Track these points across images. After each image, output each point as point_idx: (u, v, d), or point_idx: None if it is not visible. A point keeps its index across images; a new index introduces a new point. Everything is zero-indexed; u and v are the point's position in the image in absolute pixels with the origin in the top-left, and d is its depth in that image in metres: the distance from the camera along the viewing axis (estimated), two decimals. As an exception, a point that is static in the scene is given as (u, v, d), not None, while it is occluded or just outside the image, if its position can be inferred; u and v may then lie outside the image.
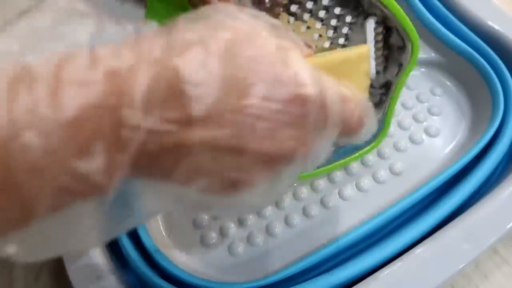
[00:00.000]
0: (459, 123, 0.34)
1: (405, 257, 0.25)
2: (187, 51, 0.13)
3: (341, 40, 0.24)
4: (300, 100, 0.14)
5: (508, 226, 0.26)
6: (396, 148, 0.32)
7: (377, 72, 0.25)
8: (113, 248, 0.27)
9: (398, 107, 0.35)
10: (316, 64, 0.16)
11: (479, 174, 0.28)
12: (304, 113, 0.14)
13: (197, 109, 0.13)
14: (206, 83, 0.13)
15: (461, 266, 0.24)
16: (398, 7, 0.23)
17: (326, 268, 0.27)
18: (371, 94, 0.26)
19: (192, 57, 0.13)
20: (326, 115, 0.15)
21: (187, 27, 0.14)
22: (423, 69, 0.37)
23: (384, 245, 0.26)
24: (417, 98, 0.35)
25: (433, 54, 0.37)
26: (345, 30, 0.24)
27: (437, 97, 0.36)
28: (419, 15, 0.37)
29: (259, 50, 0.14)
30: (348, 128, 0.17)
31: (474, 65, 0.34)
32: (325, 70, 0.16)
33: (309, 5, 0.23)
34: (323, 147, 0.16)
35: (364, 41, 0.24)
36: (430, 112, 0.35)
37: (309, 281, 0.25)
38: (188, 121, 0.13)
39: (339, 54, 0.19)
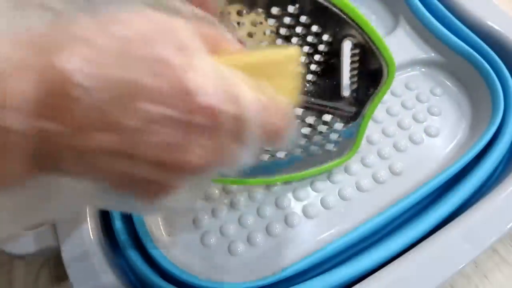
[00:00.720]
0: (459, 123, 0.34)
1: (405, 257, 0.25)
2: (75, 48, 0.12)
3: (317, 57, 0.24)
4: (201, 110, 0.13)
5: (508, 226, 0.26)
6: (396, 148, 0.32)
7: (352, 91, 0.26)
8: (113, 248, 0.27)
9: (398, 107, 0.35)
10: (238, 63, 0.15)
11: (479, 174, 0.29)
12: (211, 123, 0.13)
13: (81, 112, 0.12)
14: (91, 84, 0.12)
15: (461, 266, 0.24)
16: (375, 30, 0.23)
17: (326, 268, 0.27)
18: (342, 110, 0.26)
19: (79, 56, 0.12)
20: (241, 124, 0.14)
21: (82, 20, 0.13)
22: (423, 69, 0.37)
23: (384, 245, 0.26)
24: (417, 98, 0.35)
25: (433, 54, 0.37)
26: (321, 47, 0.24)
27: (437, 97, 0.36)
28: (419, 15, 0.37)
29: (155, 50, 0.13)
30: (267, 135, 0.16)
31: (474, 65, 0.35)
32: (247, 70, 0.15)
33: (287, 20, 0.23)
34: (240, 154, 0.15)
35: (340, 60, 0.24)
36: (430, 112, 0.35)
37: (309, 281, 0.25)
38: (73, 124, 0.12)
39: (266, 54, 0.17)
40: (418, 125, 0.34)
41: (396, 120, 0.34)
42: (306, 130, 0.27)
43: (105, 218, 0.28)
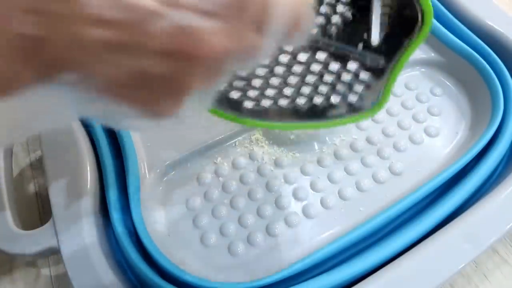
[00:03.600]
0: (459, 123, 0.34)
1: (405, 257, 0.25)
2: None
3: None
4: None
5: (508, 226, 0.26)
6: (396, 148, 0.32)
7: (382, 39, 0.24)
8: (113, 248, 0.27)
9: (398, 107, 0.35)
10: None
11: (479, 174, 0.29)
12: (236, 2, 0.12)
13: (86, 4, 0.11)
14: None
15: (461, 266, 0.24)
16: None
17: (326, 268, 0.27)
18: (370, 59, 0.25)
19: None
20: (265, 9, 0.13)
21: None
22: (423, 69, 0.37)
23: (384, 245, 0.26)
24: (417, 98, 0.35)
25: (433, 54, 0.37)
26: None
27: (437, 97, 0.36)
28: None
29: None
30: (288, 26, 0.15)
31: (474, 65, 0.35)
32: None
33: None
34: (259, 45, 0.14)
35: (371, 3, 0.22)
36: (430, 112, 0.35)
37: (309, 281, 0.25)
38: (79, 16, 0.11)
39: None
40: (418, 125, 0.34)
41: (396, 120, 0.34)
42: (329, 78, 0.25)
43: (105, 218, 0.28)
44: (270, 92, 0.27)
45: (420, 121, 0.34)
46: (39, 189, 0.34)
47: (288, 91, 0.27)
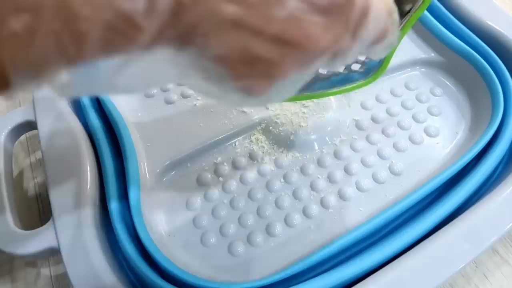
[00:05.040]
0: (459, 123, 0.34)
1: (405, 257, 0.25)
2: None
3: None
4: None
5: (508, 226, 0.26)
6: (396, 148, 0.32)
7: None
8: (113, 248, 0.27)
9: (398, 107, 0.35)
10: None
11: (479, 174, 0.29)
12: (345, 5, 0.14)
13: None
14: None
15: (461, 266, 0.24)
16: None
17: (326, 268, 0.27)
18: None
19: None
20: (366, 14, 0.15)
21: None
22: (423, 69, 0.37)
23: (384, 245, 0.26)
24: (417, 98, 0.35)
25: (433, 54, 0.37)
26: None
27: (437, 97, 0.36)
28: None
29: None
30: (377, 35, 0.16)
31: (474, 65, 0.35)
32: None
33: None
34: (350, 48, 0.15)
35: None
36: (430, 112, 0.35)
37: (309, 281, 0.25)
38: None
39: None
40: (418, 125, 0.34)
41: (396, 120, 0.34)
42: None
43: (105, 218, 0.28)
44: None
45: (420, 121, 0.34)
46: (39, 189, 0.34)
47: None
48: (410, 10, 0.24)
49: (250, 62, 0.14)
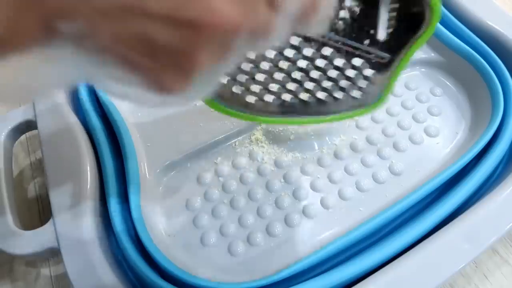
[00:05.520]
0: (459, 123, 0.34)
1: (405, 257, 0.25)
2: None
3: None
4: None
5: (508, 226, 0.26)
6: (396, 148, 0.32)
7: (388, 34, 0.24)
8: (113, 248, 0.27)
9: (398, 107, 0.35)
10: None
11: (479, 174, 0.29)
12: None
13: None
14: None
15: (461, 266, 0.24)
16: None
17: (326, 268, 0.27)
18: (375, 55, 0.25)
19: None
20: None
21: None
22: (423, 69, 0.37)
23: (384, 245, 0.26)
24: (417, 98, 0.35)
25: (433, 54, 0.37)
26: None
27: (437, 97, 0.36)
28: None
29: None
30: (303, 6, 0.14)
31: (474, 65, 0.35)
32: None
33: None
34: (271, 23, 0.13)
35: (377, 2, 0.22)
36: (430, 112, 0.35)
37: (309, 281, 0.25)
38: None
39: None
40: (418, 125, 0.34)
41: (396, 120, 0.34)
42: (333, 73, 0.26)
43: (105, 217, 0.28)
44: (273, 86, 0.27)
45: (420, 121, 0.34)
46: (39, 189, 0.34)
47: (291, 86, 0.27)
48: (410, 40, 0.24)
49: (153, 54, 0.12)
